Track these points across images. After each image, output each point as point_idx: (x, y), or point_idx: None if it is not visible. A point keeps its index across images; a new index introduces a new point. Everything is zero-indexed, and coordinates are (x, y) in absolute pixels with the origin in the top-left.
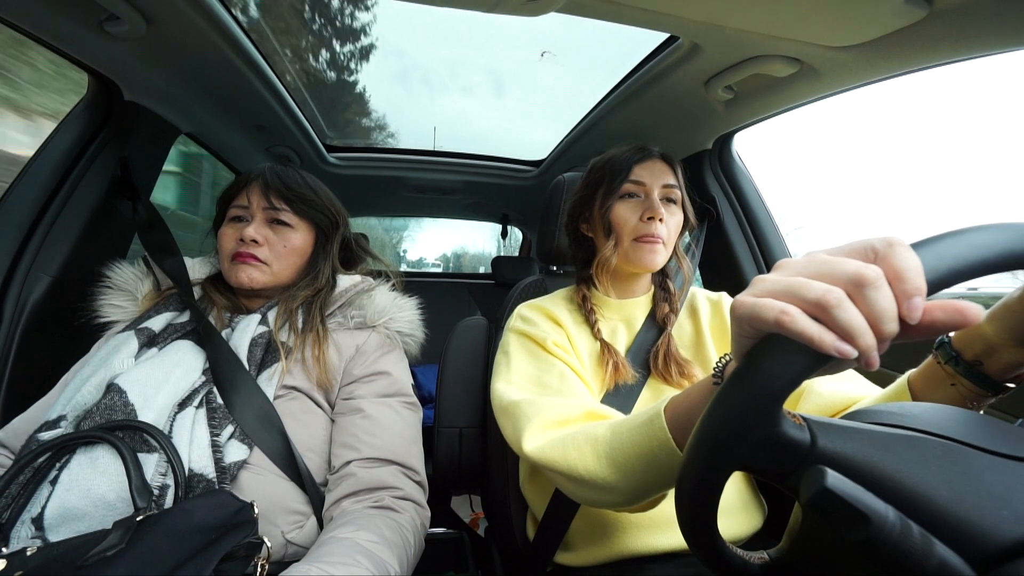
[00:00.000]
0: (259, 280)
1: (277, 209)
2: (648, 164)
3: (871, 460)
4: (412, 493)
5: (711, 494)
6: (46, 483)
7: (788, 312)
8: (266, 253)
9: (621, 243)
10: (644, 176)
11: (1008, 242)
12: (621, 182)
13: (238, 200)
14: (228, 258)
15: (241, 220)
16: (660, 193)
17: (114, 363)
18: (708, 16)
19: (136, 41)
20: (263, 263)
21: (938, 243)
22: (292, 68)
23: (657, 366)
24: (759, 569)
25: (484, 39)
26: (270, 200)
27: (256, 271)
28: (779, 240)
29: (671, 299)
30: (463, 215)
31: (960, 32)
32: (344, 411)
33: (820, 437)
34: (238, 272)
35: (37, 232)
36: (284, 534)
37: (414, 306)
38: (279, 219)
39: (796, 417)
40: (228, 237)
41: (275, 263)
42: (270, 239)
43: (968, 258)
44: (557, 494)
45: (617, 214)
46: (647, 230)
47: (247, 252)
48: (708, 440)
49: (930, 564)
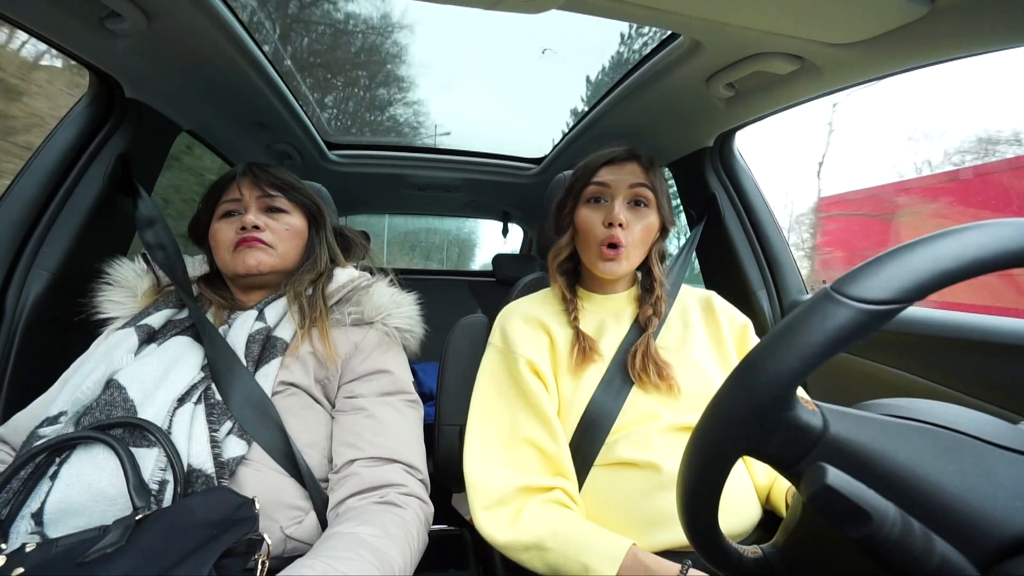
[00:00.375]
0: (267, 263)
1: (272, 196)
2: (617, 167)
3: (883, 449)
4: (416, 490)
5: (716, 479)
6: (46, 478)
7: None
8: (269, 236)
9: (588, 248)
10: (609, 179)
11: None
12: (584, 185)
13: (228, 195)
14: (230, 248)
15: (233, 214)
16: (627, 195)
17: (114, 359)
18: (709, 13)
19: (137, 38)
20: (269, 246)
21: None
22: (293, 65)
23: (635, 367)
24: (752, 564)
25: (485, 37)
26: (263, 189)
27: (263, 254)
28: (780, 238)
29: (657, 303)
30: (464, 213)
31: (962, 29)
32: (346, 409)
33: (832, 423)
34: (246, 257)
35: (38, 229)
36: (283, 529)
37: (412, 302)
38: (274, 206)
39: (809, 403)
40: (225, 230)
41: (279, 245)
42: (270, 224)
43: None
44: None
45: (580, 217)
46: (608, 235)
47: (251, 236)
48: (720, 420)
49: (931, 562)
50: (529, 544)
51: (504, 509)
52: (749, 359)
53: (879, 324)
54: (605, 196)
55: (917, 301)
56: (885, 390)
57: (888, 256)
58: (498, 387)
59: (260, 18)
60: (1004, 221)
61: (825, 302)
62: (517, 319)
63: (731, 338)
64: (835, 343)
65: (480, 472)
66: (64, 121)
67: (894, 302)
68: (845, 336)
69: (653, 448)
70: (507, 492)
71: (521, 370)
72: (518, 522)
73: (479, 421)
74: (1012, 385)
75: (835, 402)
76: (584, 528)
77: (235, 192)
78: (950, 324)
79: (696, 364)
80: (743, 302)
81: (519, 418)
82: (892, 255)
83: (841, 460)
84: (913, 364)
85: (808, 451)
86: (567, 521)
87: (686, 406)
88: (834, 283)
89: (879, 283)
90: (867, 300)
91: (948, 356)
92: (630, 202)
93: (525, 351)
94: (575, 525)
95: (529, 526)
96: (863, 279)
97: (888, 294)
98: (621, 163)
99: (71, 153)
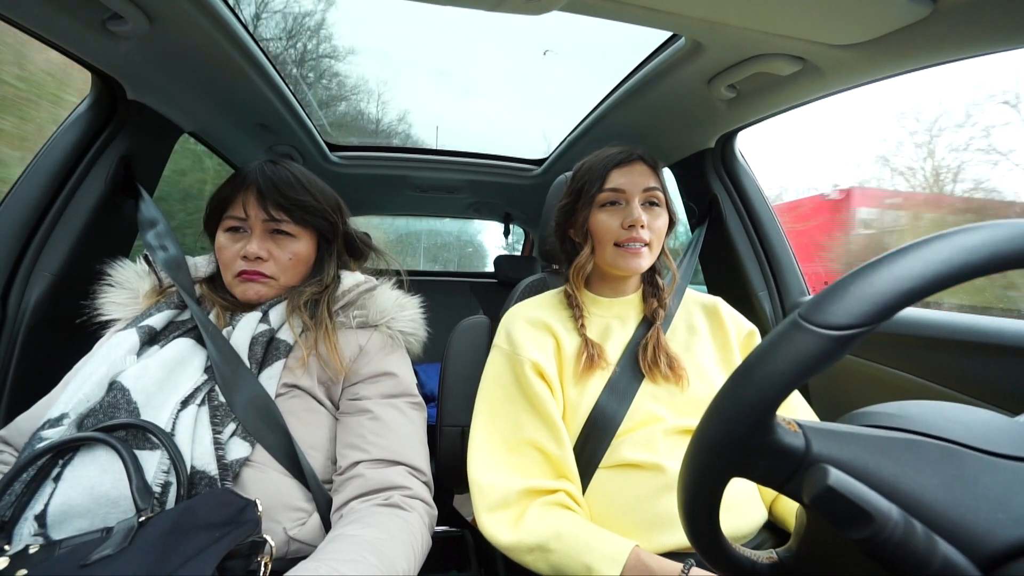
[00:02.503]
0: (267, 295)
1: (277, 220)
2: (627, 168)
3: (866, 465)
4: (420, 492)
5: (711, 500)
6: (49, 480)
7: None
8: (272, 268)
9: (604, 249)
10: (622, 182)
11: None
12: (598, 191)
13: (233, 210)
14: (232, 273)
15: (239, 231)
16: (642, 198)
17: (116, 361)
18: (710, 14)
19: (139, 40)
20: (270, 278)
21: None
22: (295, 67)
23: (646, 359)
24: (768, 569)
25: (487, 38)
26: (268, 212)
27: (264, 287)
28: (782, 239)
29: (660, 295)
30: (465, 214)
31: (964, 30)
32: (350, 411)
33: (815, 443)
34: (245, 290)
35: (40, 231)
36: (287, 531)
37: (416, 305)
38: (281, 229)
39: (791, 424)
40: (229, 251)
41: (282, 276)
42: (273, 252)
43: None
44: None
45: (597, 222)
46: (629, 236)
47: (253, 270)
48: (704, 450)
49: (934, 563)
50: (533, 546)
51: (508, 511)
52: (725, 389)
53: (848, 348)
54: (620, 200)
55: (884, 322)
56: (885, 390)
57: (852, 278)
58: (503, 389)
59: (261, 17)
60: (968, 228)
61: (792, 331)
62: (522, 322)
63: (737, 345)
64: (804, 371)
65: (484, 474)
66: (66, 123)
67: (860, 326)
68: (813, 363)
69: (658, 450)
70: (510, 494)
71: (526, 373)
72: (521, 524)
73: (483, 423)
74: (1011, 385)
75: (835, 402)
76: (587, 529)
77: (240, 209)
78: (950, 324)
79: (701, 369)
80: (745, 303)
81: (523, 420)
82: (855, 277)
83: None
84: (913, 364)
85: (794, 472)
86: (570, 523)
87: (690, 409)
88: (801, 310)
89: (844, 309)
90: (833, 326)
91: (948, 356)
92: (644, 203)
93: (531, 354)
94: (578, 527)
95: (532, 528)
96: (829, 305)
97: (853, 319)
98: (630, 164)
99: (73, 155)
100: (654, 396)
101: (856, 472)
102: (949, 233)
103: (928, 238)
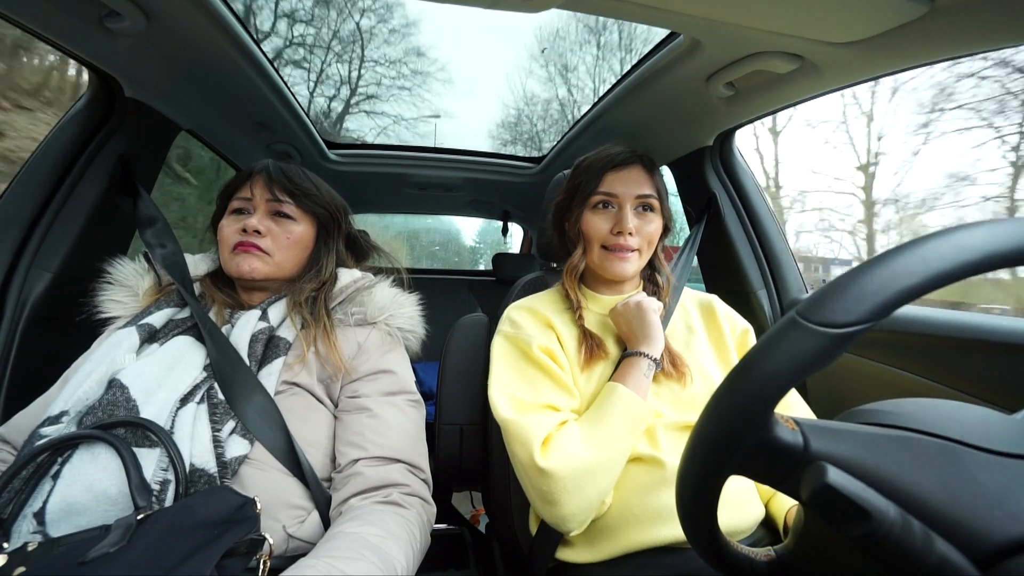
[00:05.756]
0: (260, 270)
1: (280, 201)
2: (622, 172)
3: (864, 462)
4: (419, 490)
5: (709, 497)
6: (48, 478)
7: None
8: (268, 244)
9: (592, 250)
10: (616, 186)
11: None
12: (591, 193)
13: (241, 193)
14: (229, 248)
15: (243, 212)
16: (635, 203)
17: (115, 358)
18: (709, 12)
19: (137, 37)
20: (265, 253)
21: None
22: (293, 65)
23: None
24: (765, 567)
25: (485, 36)
26: (273, 192)
27: (258, 261)
28: (780, 237)
29: (660, 293)
30: (464, 212)
31: (962, 28)
32: (349, 409)
33: (813, 441)
34: (239, 262)
35: (38, 229)
36: (286, 528)
37: (415, 302)
38: (282, 211)
39: (789, 421)
40: (230, 228)
41: (277, 254)
42: (272, 230)
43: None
44: None
45: (587, 223)
46: (616, 242)
47: (249, 242)
48: (702, 447)
49: (931, 560)
50: (579, 470)
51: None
52: (723, 386)
53: (846, 346)
54: (612, 203)
55: (882, 319)
56: (883, 388)
57: (850, 276)
58: (514, 365)
59: (259, 15)
60: (966, 226)
61: (791, 329)
62: (525, 312)
63: (732, 342)
64: (803, 368)
65: (514, 417)
66: (63, 120)
67: (858, 323)
68: (812, 361)
69: (658, 444)
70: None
71: (535, 351)
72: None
73: (501, 390)
74: (1011, 384)
75: (833, 400)
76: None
77: (247, 191)
78: (950, 324)
79: (700, 367)
80: (743, 301)
81: (539, 386)
82: (853, 275)
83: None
84: (913, 364)
85: (792, 469)
86: (585, 434)
87: (690, 406)
88: (799, 307)
89: (842, 306)
90: (831, 324)
91: (945, 354)
92: (636, 208)
93: (537, 337)
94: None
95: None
96: (827, 303)
97: (851, 317)
98: (626, 167)
99: (71, 152)
100: (655, 392)
101: (854, 470)
102: (947, 231)
103: (926, 236)
